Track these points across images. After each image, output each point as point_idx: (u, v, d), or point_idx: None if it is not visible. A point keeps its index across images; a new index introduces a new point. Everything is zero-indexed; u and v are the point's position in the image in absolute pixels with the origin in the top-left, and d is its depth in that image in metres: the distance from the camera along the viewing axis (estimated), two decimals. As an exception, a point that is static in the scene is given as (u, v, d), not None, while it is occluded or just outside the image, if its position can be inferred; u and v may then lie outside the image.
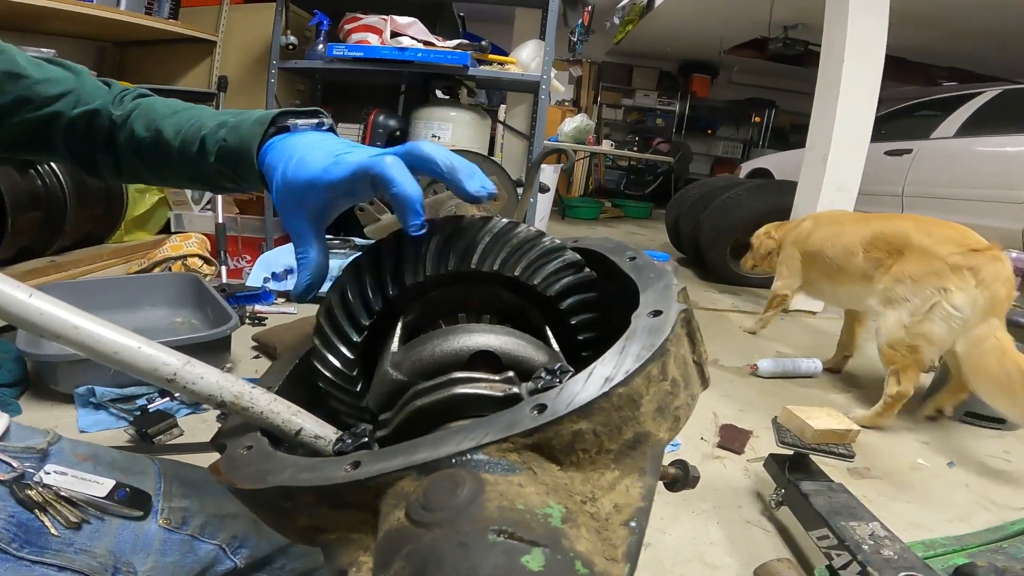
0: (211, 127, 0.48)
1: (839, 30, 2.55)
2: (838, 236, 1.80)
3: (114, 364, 0.29)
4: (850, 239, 1.74)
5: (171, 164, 0.51)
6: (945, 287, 1.46)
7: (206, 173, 0.49)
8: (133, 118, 0.52)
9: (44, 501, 0.42)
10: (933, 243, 1.53)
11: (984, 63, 5.32)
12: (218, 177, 0.49)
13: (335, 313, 0.37)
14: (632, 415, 0.25)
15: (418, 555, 0.20)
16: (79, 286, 1.74)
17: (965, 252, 1.48)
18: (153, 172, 0.54)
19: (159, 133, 0.50)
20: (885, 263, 1.62)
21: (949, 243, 1.52)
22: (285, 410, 0.32)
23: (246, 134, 0.45)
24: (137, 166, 0.54)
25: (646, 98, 8.07)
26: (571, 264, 0.37)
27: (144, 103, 0.53)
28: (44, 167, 1.87)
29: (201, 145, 0.48)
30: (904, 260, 1.57)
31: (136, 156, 0.52)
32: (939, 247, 1.52)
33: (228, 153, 0.46)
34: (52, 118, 0.51)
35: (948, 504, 1.27)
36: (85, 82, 0.53)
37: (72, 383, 1.27)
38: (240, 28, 2.67)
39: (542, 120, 2.48)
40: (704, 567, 1.00)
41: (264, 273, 2.19)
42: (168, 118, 0.50)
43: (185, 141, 0.49)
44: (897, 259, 1.59)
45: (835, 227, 1.85)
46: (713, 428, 1.52)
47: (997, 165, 2.86)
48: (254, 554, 0.52)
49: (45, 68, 0.51)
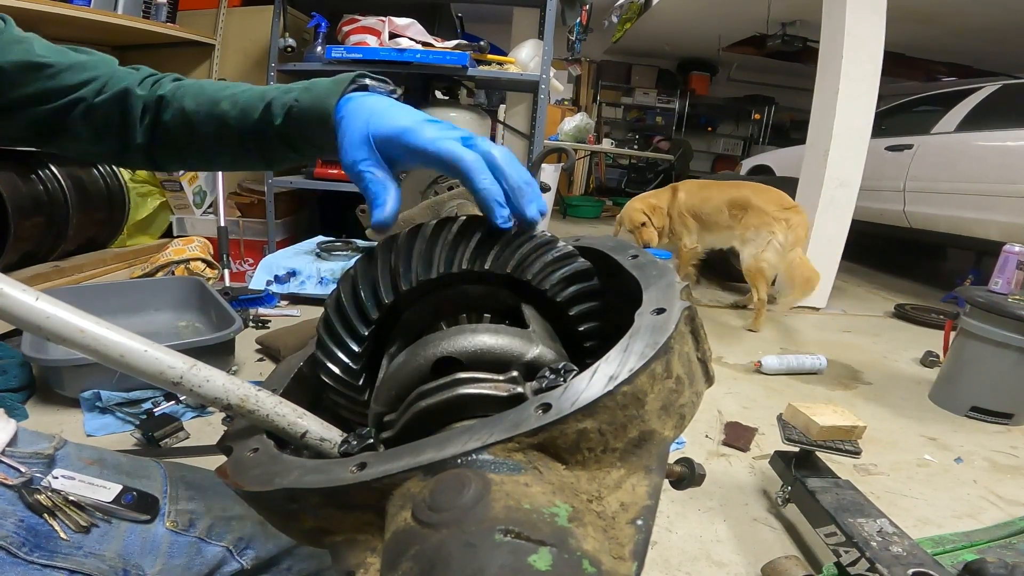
0: (277, 93, 0.49)
1: (837, 27, 2.54)
2: (709, 200, 2.55)
3: (121, 367, 0.29)
4: (717, 202, 2.51)
5: (226, 135, 0.50)
6: (773, 231, 2.32)
7: (265, 139, 0.49)
8: (181, 95, 0.52)
9: (53, 505, 0.43)
10: (763, 203, 2.36)
11: (983, 58, 5.30)
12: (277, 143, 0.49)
13: (339, 314, 0.37)
14: (637, 413, 0.25)
15: (425, 555, 0.20)
16: (83, 291, 1.75)
17: (781, 208, 2.34)
18: (200, 148, 0.53)
19: (215, 104, 0.50)
20: (738, 217, 2.42)
21: (772, 203, 2.37)
22: (291, 413, 0.32)
23: (322, 93, 0.46)
24: (182, 144, 0.53)
25: (645, 96, 8.06)
26: (582, 272, 0.36)
27: (188, 82, 0.53)
28: (46, 172, 1.87)
29: (266, 109, 0.48)
30: (748, 215, 2.39)
31: (185, 132, 0.52)
32: (767, 206, 2.35)
33: (299, 112, 0.47)
34: (75, 105, 0.50)
35: (956, 500, 1.26)
36: (113, 68, 0.52)
37: (78, 387, 1.27)
38: (238, 31, 2.67)
39: (542, 119, 2.48)
40: (711, 565, 1.00)
41: (267, 276, 2.19)
42: (221, 91, 0.51)
43: (245, 109, 0.49)
44: (744, 214, 2.40)
45: (704, 192, 2.60)
46: (718, 426, 1.51)
47: (998, 159, 2.85)
48: (261, 555, 0.52)
49: (69, 55, 0.50)
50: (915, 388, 1.91)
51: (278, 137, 0.49)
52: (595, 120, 7.32)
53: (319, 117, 0.45)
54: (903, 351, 2.30)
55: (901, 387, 1.92)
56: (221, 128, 0.50)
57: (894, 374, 2.05)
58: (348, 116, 0.42)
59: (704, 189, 2.65)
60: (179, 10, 2.57)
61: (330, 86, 0.46)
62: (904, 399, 1.82)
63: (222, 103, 0.50)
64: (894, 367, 2.13)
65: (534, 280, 0.36)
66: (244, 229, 2.59)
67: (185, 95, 0.51)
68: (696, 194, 2.63)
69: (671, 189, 2.74)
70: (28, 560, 0.40)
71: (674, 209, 2.66)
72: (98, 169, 2.15)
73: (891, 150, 3.47)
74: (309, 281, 2.18)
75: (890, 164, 3.44)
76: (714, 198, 2.54)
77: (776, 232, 2.30)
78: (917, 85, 5.56)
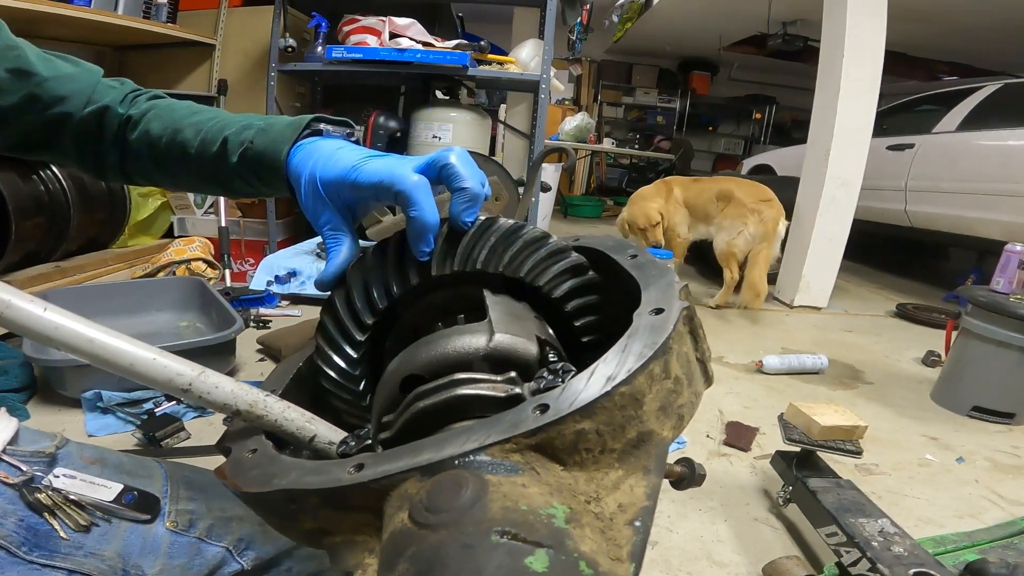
0: (235, 128, 0.48)
1: (838, 26, 2.54)
2: (701, 192, 2.77)
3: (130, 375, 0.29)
4: (708, 195, 2.73)
5: (187, 163, 0.51)
6: (745, 221, 2.55)
7: (223, 174, 0.49)
8: (150, 117, 0.52)
9: (53, 504, 0.42)
10: (743, 196, 2.60)
11: (984, 57, 5.28)
12: (235, 179, 0.49)
13: (339, 314, 0.37)
14: (635, 414, 0.25)
15: (422, 557, 0.20)
16: (84, 291, 1.75)
17: (757, 201, 2.56)
18: (164, 172, 0.54)
19: (177, 132, 0.50)
20: (721, 208, 2.66)
21: (750, 196, 2.58)
22: (299, 417, 0.32)
23: (276, 137, 0.46)
24: (148, 165, 0.53)
25: (646, 96, 8.05)
26: (576, 267, 0.36)
27: (162, 104, 0.53)
28: (47, 172, 1.88)
29: (223, 145, 0.48)
30: (729, 206, 2.62)
31: (149, 154, 0.52)
32: (745, 198, 2.58)
33: (253, 155, 0.46)
34: (62, 119, 0.51)
35: (958, 500, 1.26)
36: (97, 81, 0.53)
37: (79, 388, 1.27)
38: (239, 31, 2.67)
39: (542, 119, 2.48)
40: (712, 565, 1.00)
41: (267, 276, 2.19)
42: (188, 118, 0.51)
43: (205, 141, 0.49)
44: (727, 205, 2.63)
45: (696, 186, 2.83)
46: (719, 425, 1.51)
47: (999, 159, 2.84)
48: (260, 556, 0.52)
49: (56, 65, 0.50)
50: (916, 388, 1.91)
51: (234, 174, 0.49)
52: (596, 120, 7.31)
53: (270, 164, 0.45)
54: (904, 351, 2.30)
55: (902, 387, 1.91)
56: (182, 156, 0.50)
57: (895, 374, 2.05)
58: (298, 165, 0.43)
59: (695, 183, 2.87)
60: (179, 10, 2.57)
61: (284, 131, 0.46)
62: (905, 399, 1.81)
63: (185, 131, 0.50)
64: (895, 367, 2.12)
65: (527, 277, 0.35)
66: (245, 229, 2.59)
67: (154, 119, 0.51)
68: (690, 187, 2.84)
69: (663, 184, 2.89)
70: (28, 560, 0.40)
71: (671, 203, 2.84)
72: (99, 169, 2.15)
73: (892, 149, 3.46)
74: (310, 281, 2.18)
75: (891, 163, 3.43)
76: (705, 192, 2.75)
77: (748, 223, 2.54)
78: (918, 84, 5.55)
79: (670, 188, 2.85)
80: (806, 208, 2.76)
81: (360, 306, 0.36)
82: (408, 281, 0.36)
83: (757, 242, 2.52)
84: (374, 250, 0.38)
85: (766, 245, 2.51)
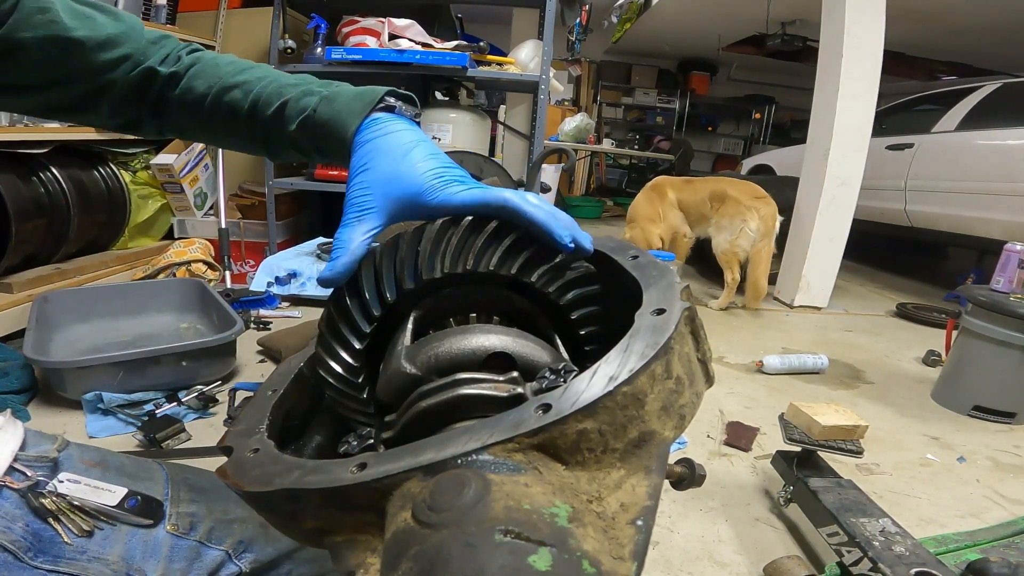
0: (294, 94, 0.46)
1: (837, 26, 2.54)
2: (696, 192, 2.78)
3: None
4: (701, 195, 2.73)
5: (235, 125, 0.48)
6: (745, 219, 2.54)
7: (277, 138, 0.47)
8: (193, 73, 0.49)
9: (58, 510, 0.42)
10: (738, 194, 2.58)
11: (984, 57, 5.29)
12: (288, 145, 0.47)
13: (341, 313, 0.37)
14: (637, 414, 0.25)
15: (425, 556, 0.20)
16: (85, 293, 1.75)
17: (753, 199, 2.56)
18: (206, 130, 0.51)
19: (224, 91, 0.47)
20: (716, 207, 2.65)
21: (745, 194, 2.58)
22: None
23: (342, 108, 0.43)
24: (187, 122, 0.51)
25: (646, 96, 8.06)
26: (585, 276, 0.36)
27: (206, 58, 0.50)
28: (47, 174, 1.88)
29: (280, 110, 0.46)
30: (724, 205, 2.61)
31: (191, 113, 0.50)
32: (741, 197, 2.58)
33: (315, 124, 0.44)
34: (106, 87, 0.48)
35: (959, 499, 1.26)
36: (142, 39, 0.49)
37: (80, 389, 1.27)
38: (238, 33, 2.68)
39: (542, 120, 2.48)
40: (713, 565, 1.00)
41: (268, 277, 2.19)
42: (234, 76, 0.48)
43: (259, 103, 0.46)
44: (722, 204, 2.62)
45: (690, 187, 2.83)
46: (720, 425, 1.51)
47: (999, 158, 2.84)
48: (260, 559, 0.52)
49: (96, 24, 0.45)
50: (917, 387, 1.91)
51: (288, 140, 0.47)
52: (595, 120, 7.32)
53: (336, 136, 0.43)
54: (905, 350, 2.30)
55: (903, 386, 1.91)
56: (231, 117, 0.48)
57: (896, 373, 2.05)
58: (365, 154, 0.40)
59: (688, 184, 2.88)
60: (179, 11, 2.57)
61: (351, 103, 0.43)
62: (906, 398, 1.81)
63: (234, 91, 0.47)
64: (896, 366, 2.12)
65: (537, 282, 0.35)
66: (245, 231, 2.59)
67: (198, 74, 0.49)
68: (683, 189, 2.86)
69: (652, 192, 2.89)
70: (33, 565, 0.40)
71: (666, 203, 2.87)
72: (99, 171, 2.15)
73: (892, 149, 3.46)
74: (310, 282, 2.18)
75: (891, 163, 3.44)
76: (699, 192, 2.77)
77: (748, 220, 2.53)
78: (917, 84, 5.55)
79: (663, 193, 2.85)
80: (806, 208, 2.76)
81: (369, 298, 0.36)
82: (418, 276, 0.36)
83: (760, 239, 2.52)
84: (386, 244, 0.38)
85: (767, 242, 2.52)
